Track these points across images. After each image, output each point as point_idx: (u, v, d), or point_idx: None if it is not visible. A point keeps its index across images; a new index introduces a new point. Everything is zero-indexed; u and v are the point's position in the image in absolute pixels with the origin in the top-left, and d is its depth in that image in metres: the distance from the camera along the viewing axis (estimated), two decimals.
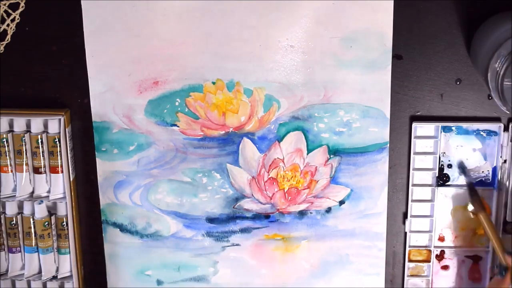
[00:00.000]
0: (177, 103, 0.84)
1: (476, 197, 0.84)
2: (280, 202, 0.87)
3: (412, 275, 0.89)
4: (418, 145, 0.85)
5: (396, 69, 0.82)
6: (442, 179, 0.86)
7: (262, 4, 0.80)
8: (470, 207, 0.85)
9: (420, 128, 0.84)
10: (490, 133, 0.84)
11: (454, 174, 0.85)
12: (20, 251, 0.88)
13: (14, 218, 0.87)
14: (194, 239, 0.89)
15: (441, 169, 0.85)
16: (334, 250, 0.89)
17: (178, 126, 0.85)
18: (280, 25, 0.80)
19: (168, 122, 0.84)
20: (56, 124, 0.83)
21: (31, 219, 0.86)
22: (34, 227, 0.86)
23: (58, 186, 0.85)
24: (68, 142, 0.84)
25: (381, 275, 0.89)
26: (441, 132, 0.84)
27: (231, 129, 0.84)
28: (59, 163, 0.84)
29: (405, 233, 0.88)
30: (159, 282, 0.91)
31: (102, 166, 0.86)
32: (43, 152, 0.84)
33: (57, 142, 0.84)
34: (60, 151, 0.84)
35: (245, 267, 0.90)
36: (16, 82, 0.84)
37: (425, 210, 0.87)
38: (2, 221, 0.87)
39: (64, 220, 0.87)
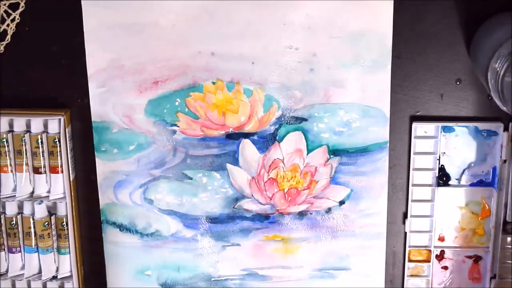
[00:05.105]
0: (177, 103, 0.84)
1: None
2: (280, 202, 0.87)
3: (412, 275, 0.89)
4: (418, 145, 0.85)
5: (396, 69, 0.82)
6: (442, 179, 0.86)
7: (262, 4, 0.80)
8: None
9: (420, 128, 0.84)
10: (490, 133, 0.84)
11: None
12: (20, 251, 0.88)
13: (14, 218, 0.87)
14: (194, 239, 0.89)
15: (441, 169, 0.85)
16: (334, 250, 0.89)
17: (178, 126, 0.85)
18: (280, 25, 0.80)
19: (168, 122, 0.84)
20: (56, 124, 0.83)
21: (31, 219, 0.86)
22: (34, 227, 0.86)
23: (58, 186, 0.85)
24: (68, 142, 0.84)
25: (381, 275, 0.89)
26: (441, 132, 0.84)
27: (231, 129, 0.84)
28: (59, 163, 0.84)
29: (405, 233, 0.88)
30: (160, 284, 0.91)
31: (102, 166, 0.86)
32: (43, 152, 0.84)
33: (57, 142, 0.84)
34: (60, 151, 0.84)
35: (245, 267, 0.90)
36: (16, 82, 0.84)
37: (425, 210, 0.87)
38: (2, 221, 0.87)
39: (64, 220, 0.87)
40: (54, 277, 0.88)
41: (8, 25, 0.82)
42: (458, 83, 0.82)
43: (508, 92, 0.70)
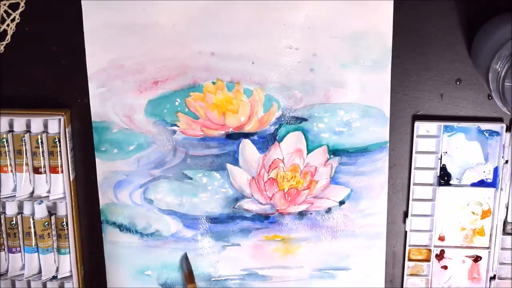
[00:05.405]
0: (177, 103, 0.84)
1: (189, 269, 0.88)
2: (280, 202, 0.87)
3: (411, 274, 0.89)
4: (420, 144, 0.85)
5: (396, 69, 0.82)
6: (443, 179, 0.86)
7: (262, 4, 0.80)
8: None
9: (423, 127, 0.84)
10: (492, 133, 0.83)
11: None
12: (20, 251, 0.88)
13: (14, 218, 0.87)
14: (194, 239, 0.89)
15: (442, 169, 0.85)
16: (334, 250, 0.89)
17: (178, 126, 0.85)
18: (280, 25, 0.80)
19: (168, 122, 0.84)
20: (56, 124, 0.83)
21: (31, 219, 0.86)
22: (34, 227, 0.86)
23: (58, 186, 0.85)
24: (68, 142, 0.84)
25: (381, 275, 0.89)
26: (443, 131, 0.84)
27: (231, 129, 0.84)
28: (59, 163, 0.84)
29: (405, 232, 0.88)
30: (160, 284, 0.91)
31: (102, 166, 0.86)
32: (43, 152, 0.84)
33: (57, 142, 0.84)
34: (60, 151, 0.84)
35: (245, 267, 0.90)
36: (16, 82, 0.84)
37: (426, 210, 0.87)
38: (2, 221, 0.87)
39: (64, 220, 0.87)
40: (54, 277, 0.88)
41: (8, 25, 0.82)
42: (458, 83, 0.82)
43: (509, 94, 0.70)
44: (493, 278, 0.88)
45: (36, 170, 0.85)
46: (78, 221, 0.88)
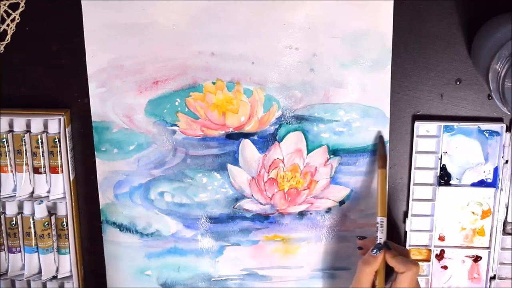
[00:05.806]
0: (177, 103, 0.84)
1: (383, 153, 0.84)
2: (280, 202, 0.87)
3: None
4: (420, 144, 0.85)
5: (396, 69, 0.82)
6: (443, 179, 0.86)
7: (262, 4, 0.80)
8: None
9: (423, 127, 0.84)
10: (492, 133, 0.83)
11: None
12: (20, 251, 0.88)
13: (14, 218, 0.87)
14: (194, 239, 0.89)
15: (442, 169, 0.85)
16: (334, 251, 0.89)
17: (178, 126, 0.85)
18: (280, 25, 0.80)
19: (168, 122, 0.84)
20: (56, 124, 0.83)
21: (31, 219, 0.86)
22: (34, 227, 0.86)
23: (58, 186, 0.85)
24: (68, 142, 0.84)
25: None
26: (443, 131, 0.84)
27: (231, 129, 0.84)
28: (59, 163, 0.84)
29: (405, 232, 0.88)
30: (160, 284, 0.91)
31: (102, 166, 0.86)
32: (43, 152, 0.84)
33: (57, 142, 0.84)
34: (60, 151, 0.84)
35: (245, 267, 0.90)
36: (16, 82, 0.84)
37: (426, 210, 0.87)
38: (2, 221, 0.87)
39: (64, 220, 0.87)
40: (54, 277, 0.88)
41: (8, 25, 0.82)
42: (458, 83, 0.82)
43: (509, 94, 0.70)
44: (493, 278, 0.88)
45: (36, 170, 0.85)
46: (78, 221, 0.88)
